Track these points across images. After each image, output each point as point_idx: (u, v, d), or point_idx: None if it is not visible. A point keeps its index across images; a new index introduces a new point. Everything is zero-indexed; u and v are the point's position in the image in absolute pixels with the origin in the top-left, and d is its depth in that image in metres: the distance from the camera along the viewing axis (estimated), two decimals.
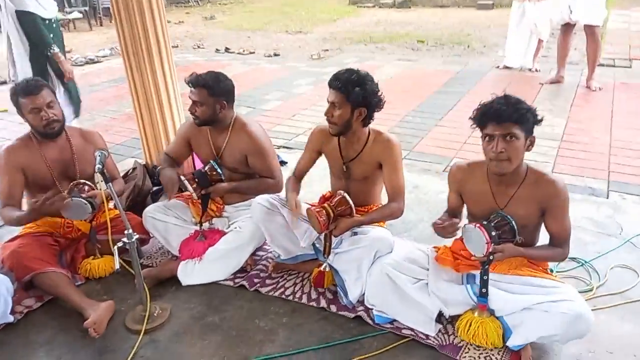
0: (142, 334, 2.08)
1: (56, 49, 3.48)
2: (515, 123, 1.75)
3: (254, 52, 8.43)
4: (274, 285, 2.37)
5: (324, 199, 2.46)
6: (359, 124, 2.19)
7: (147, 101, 3.07)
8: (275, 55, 8.13)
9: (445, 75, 6.35)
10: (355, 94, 2.07)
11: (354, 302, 2.18)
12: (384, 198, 2.32)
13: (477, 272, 1.97)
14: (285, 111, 5.25)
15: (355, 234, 2.26)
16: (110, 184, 2.04)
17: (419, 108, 5.13)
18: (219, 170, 2.41)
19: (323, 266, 2.27)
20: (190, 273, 2.42)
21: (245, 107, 5.37)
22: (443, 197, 2.23)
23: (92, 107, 5.51)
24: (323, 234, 2.20)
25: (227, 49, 8.64)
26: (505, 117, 1.74)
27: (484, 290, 1.91)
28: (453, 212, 2.13)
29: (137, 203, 3.01)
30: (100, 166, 2.03)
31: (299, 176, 2.48)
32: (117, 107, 5.59)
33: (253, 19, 12.15)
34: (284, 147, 4.17)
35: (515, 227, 1.84)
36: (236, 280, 2.42)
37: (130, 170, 3.26)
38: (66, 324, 2.18)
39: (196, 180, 2.37)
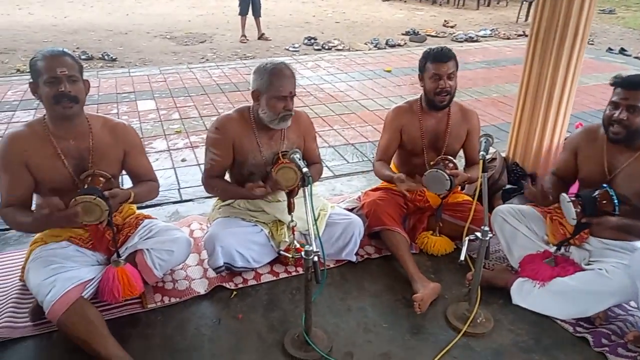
0: (461, 333, 1.97)
1: None
2: None
3: None
4: None
5: None
6: None
7: (536, 93, 2.80)
8: None
9: None
10: None
11: None
12: None
13: None
14: None
15: None
16: (485, 173, 1.92)
17: None
18: (615, 200, 1.92)
19: None
20: (525, 295, 2.14)
21: None
22: None
23: (461, 85, 5.60)
24: None
25: (622, 50, 7.35)
26: None
27: None
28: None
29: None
30: (485, 153, 1.93)
31: None
32: (483, 89, 5.52)
33: None
34: None
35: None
36: (578, 329, 2.01)
37: (489, 159, 3.12)
38: (394, 285, 2.28)
39: (580, 203, 1.97)
